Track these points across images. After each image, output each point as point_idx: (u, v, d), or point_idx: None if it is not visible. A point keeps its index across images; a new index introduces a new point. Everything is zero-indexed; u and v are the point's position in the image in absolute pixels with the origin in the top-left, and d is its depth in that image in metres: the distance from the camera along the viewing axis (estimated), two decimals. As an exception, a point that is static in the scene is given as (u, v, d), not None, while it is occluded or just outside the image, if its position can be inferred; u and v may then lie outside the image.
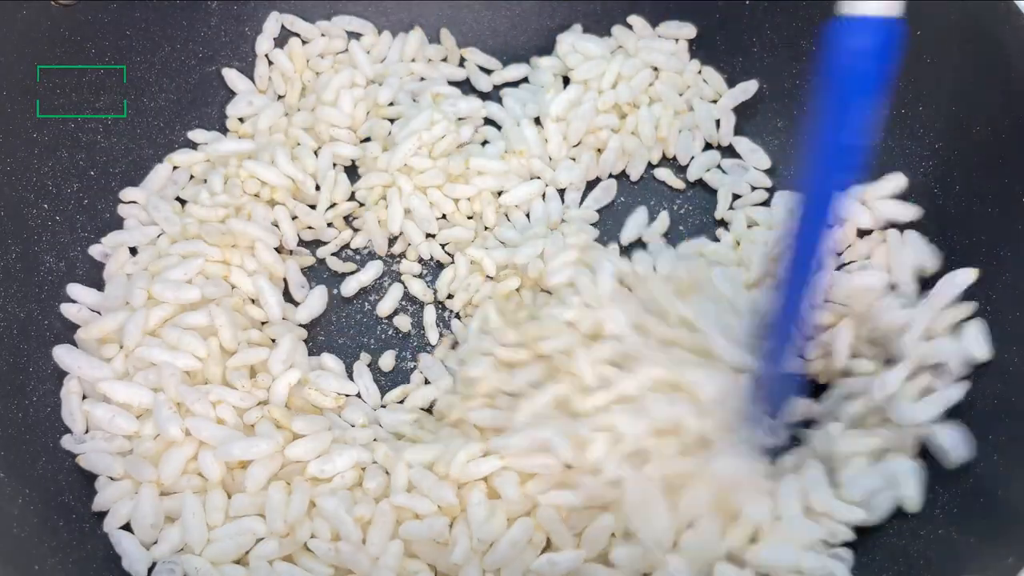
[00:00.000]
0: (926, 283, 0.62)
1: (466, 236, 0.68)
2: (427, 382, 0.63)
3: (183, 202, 0.68)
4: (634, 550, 0.51)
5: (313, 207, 0.69)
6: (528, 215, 0.69)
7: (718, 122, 0.74)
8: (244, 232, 0.63)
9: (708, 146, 0.74)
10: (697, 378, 0.54)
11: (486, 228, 0.69)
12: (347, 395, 0.60)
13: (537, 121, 0.73)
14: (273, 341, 0.61)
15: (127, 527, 0.53)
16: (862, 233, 0.65)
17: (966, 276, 0.57)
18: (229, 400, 0.56)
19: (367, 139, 0.72)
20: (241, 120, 0.72)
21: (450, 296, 0.67)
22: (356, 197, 0.70)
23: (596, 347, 0.56)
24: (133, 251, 0.64)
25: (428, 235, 0.68)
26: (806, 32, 0.70)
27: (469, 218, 0.69)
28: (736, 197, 0.71)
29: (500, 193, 0.69)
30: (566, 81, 0.75)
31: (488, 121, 0.74)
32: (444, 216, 0.69)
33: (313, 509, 0.53)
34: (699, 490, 0.52)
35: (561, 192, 0.71)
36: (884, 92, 0.41)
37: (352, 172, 0.72)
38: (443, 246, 0.69)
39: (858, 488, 0.53)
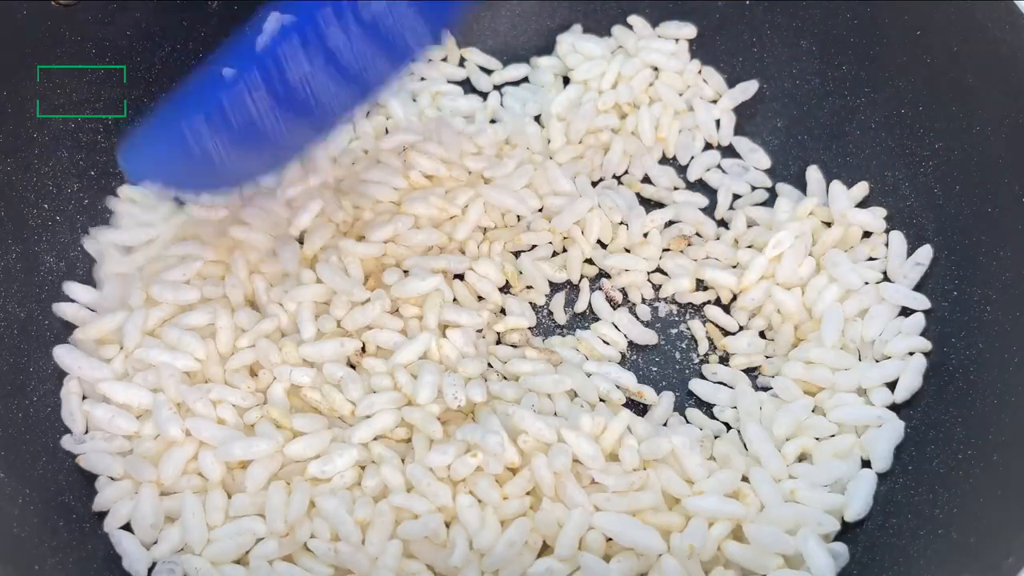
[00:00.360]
0: (919, 286, 0.62)
1: None
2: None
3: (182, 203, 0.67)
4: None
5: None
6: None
7: (718, 122, 0.74)
8: (243, 236, 0.63)
9: (708, 146, 0.74)
10: None
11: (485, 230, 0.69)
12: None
13: (537, 119, 0.73)
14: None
15: (127, 527, 0.53)
16: (865, 234, 0.65)
17: (926, 254, 0.62)
18: (229, 399, 0.56)
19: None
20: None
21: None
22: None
23: None
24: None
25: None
26: (806, 32, 0.71)
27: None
28: (736, 197, 0.71)
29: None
30: (566, 81, 0.75)
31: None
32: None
33: (313, 509, 0.53)
34: None
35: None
36: None
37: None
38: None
39: (827, 474, 0.54)
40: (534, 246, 0.67)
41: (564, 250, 0.68)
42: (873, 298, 0.62)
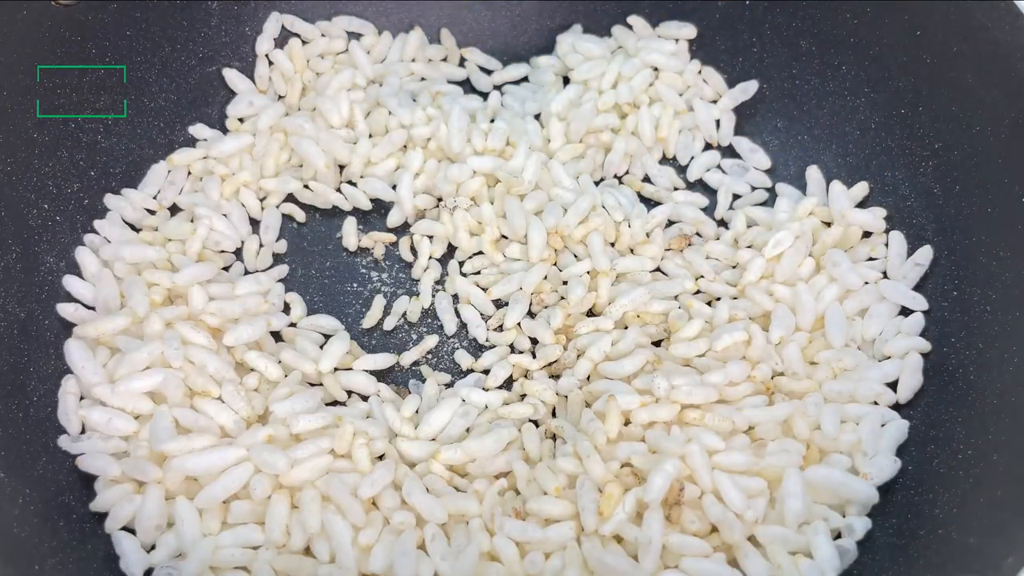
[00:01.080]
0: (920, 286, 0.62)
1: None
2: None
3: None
4: None
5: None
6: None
7: (718, 122, 0.74)
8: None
9: (708, 146, 0.74)
10: None
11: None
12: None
13: (537, 118, 0.73)
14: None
15: (126, 529, 0.53)
16: (865, 234, 0.65)
17: (926, 254, 0.62)
18: (231, 406, 0.57)
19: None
20: (241, 120, 0.72)
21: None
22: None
23: None
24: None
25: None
26: (806, 32, 0.71)
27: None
28: (736, 197, 0.71)
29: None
30: (566, 81, 0.75)
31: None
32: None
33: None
34: None
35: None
36: None
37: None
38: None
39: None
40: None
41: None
42: (873, 297, 0.62)
